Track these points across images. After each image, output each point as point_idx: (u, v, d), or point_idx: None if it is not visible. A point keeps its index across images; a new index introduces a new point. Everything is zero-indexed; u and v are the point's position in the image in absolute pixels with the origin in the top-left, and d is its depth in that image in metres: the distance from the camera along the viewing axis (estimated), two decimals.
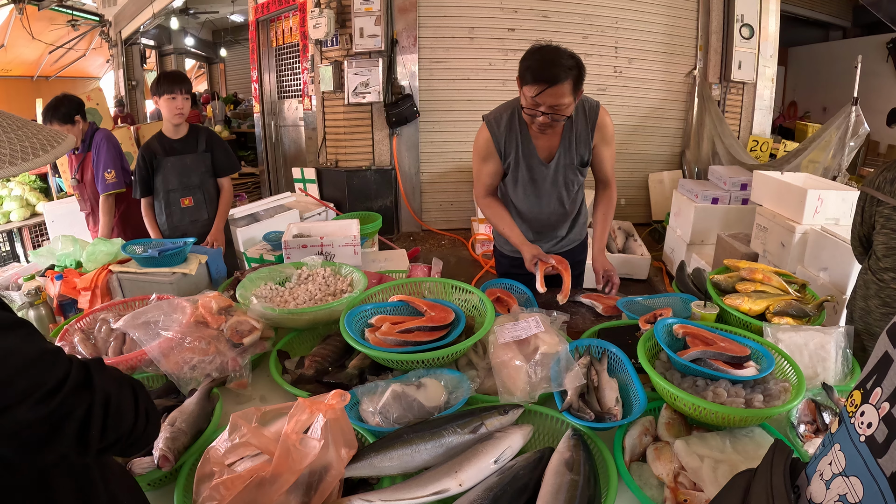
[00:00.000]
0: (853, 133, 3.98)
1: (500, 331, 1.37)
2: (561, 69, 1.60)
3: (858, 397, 0.60)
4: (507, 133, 1.87)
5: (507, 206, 2.06)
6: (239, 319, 1.49)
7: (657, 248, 5.09)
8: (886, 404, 0.55)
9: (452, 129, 5.56)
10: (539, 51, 1.66)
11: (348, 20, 5.14)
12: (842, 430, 0.61)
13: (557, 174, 1.93)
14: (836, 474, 0.59)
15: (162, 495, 1.06)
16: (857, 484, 0.56)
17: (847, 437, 0.59)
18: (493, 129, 1.88)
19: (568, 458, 1.01)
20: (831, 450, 0.62)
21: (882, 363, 0.59)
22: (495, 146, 1.89)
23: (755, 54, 5.70)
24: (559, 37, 5.43)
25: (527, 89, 1.67)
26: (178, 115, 2.60)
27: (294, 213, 4.26)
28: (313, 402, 1.00)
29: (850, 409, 0.60)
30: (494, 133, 1.88)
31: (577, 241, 2.15)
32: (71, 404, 0.65)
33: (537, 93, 1.64)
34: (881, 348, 0.60)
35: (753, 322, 1.57)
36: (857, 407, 0.59)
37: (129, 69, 9.00)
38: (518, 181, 1.96)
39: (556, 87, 1.62)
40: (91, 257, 2.01)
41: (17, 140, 0.67)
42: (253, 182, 7.50)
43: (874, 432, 0.55)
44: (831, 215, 2.84)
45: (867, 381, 0.60)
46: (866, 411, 0.57)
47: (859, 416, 0.58)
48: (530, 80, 1.64)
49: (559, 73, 1.60)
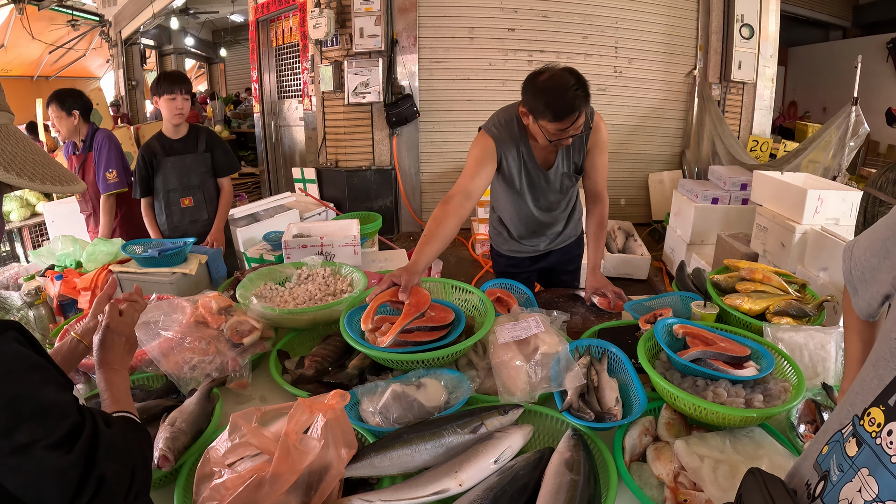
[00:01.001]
0: (853, 133, 3.98)
1: (500, 331, 1.37)
2: (576, 98, 1.61)
3: (880, 415, 0.55)
4: (507, 141, 1.84)
5: (500, 209, 2.07)
6: (239, 319, 1.49)
7: (657, 248, 5.09)
8: None
9: (452, 129, 5.56)
10: (548, 84, 1.64)
11: (348, 20, 5.14)
12: (866, 453, 0.56)
13: (556, 181, 1.93)
14: (870, 501, 0.54)
15: (162, 495, 1.06)
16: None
17: (875, 460, 0.54)
18: (495, 137, 1.83)
19: (568, 458, 1.01)
20: (857, 475, 0.56)
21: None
22: (498, 155, 1.84)
23: (755, 54, 5.70)
24: (559, 37, 5.44)
25: (549, 126, 1.66)
26: (178, 116, 2.60)
27: (294, 213, 4.26)
28: (313, 402, 1.00)
29: (872, 430, 0.56)
30: (497, 141, 1.83)
31: (574, 237, 2.16)
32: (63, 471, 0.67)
33: (564, 128, 1.65)
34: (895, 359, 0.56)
35: (753, 322, 1.57)
36: (880, 426, 0.55)
37: (129, 69, 9.01)
38: (516, 187, 1.93)
39: (578, 116, 1.64)
40: (91, 257, 2.01)
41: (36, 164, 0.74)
42: (253, 182, 7.50)
43: None
44: (831, 215, 2.84)
45: (887, 397, 0.55)
46: (894, 429, 0.53)
47: (885, 435, 0.54)
48: (553, 118, 1.64)
49: (577, 104, 1.62)
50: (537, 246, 2.11)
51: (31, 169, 0.71)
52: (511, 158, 1.86)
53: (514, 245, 2.12)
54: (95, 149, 2.88)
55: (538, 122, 1.68)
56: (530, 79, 1.68)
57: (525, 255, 2.14)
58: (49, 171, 0.73)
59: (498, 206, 2.10)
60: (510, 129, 1.83)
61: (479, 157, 1.81)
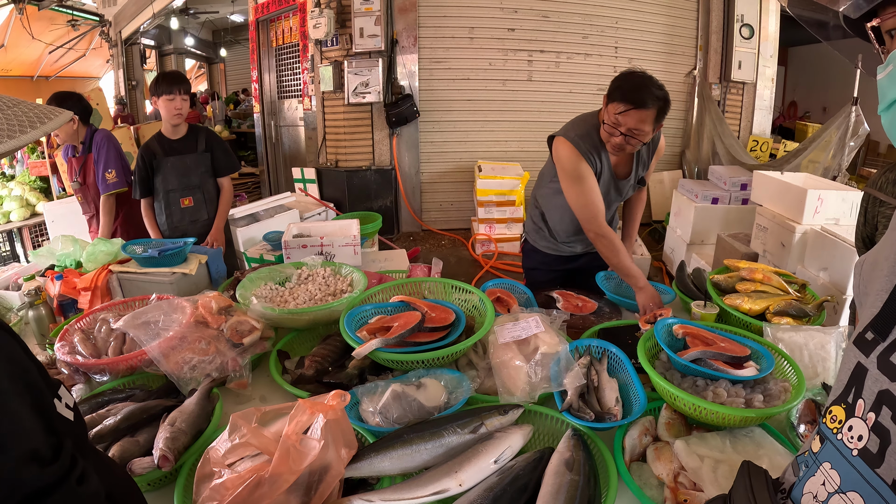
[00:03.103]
0: (853, 133, 3.98)
1: (500, 331, 1.37)
2: (649, 96, 1.64)
3: (840, 413, 0.59)
4: (590, 151, 1.84)
5: (547, 208, 2.06)
6: (239, 319, 1.49)
7: (657, 248, 5.09)
8: (872, 414, 0.55)
9: (452, 129, 5.56)
10: (632, 74, 1.71)
11: (348, 20, 5.14)
12: (827, 448, 0.60)
13: (626, 191, 2.00)
14: (833, 493, 0.58)
15: (162, 495, 1.06)
16: (857, 498, 0.55)
17: (837, 454, 0.58)
18: (580, 148, 1.82)
19: (568, 458, 1.01)
20: (819, 469, 0.60)
21: (857, 374, 0.58)
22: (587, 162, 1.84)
23: (755, 54, 5.70)
24: (559, 37, 5.44)
25: (612, 106, 1.70)
26: (177, 116, 2.60)
27: (294, 213, 4.26)
28: (313, 402, 1.00)
29: (834, 426, 0.60)
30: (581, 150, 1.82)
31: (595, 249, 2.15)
32: None
33: (622, 111, 1.67)
34: (851, 359, 0.60)
35: (753, 322, 1.57)
36: (841, 423, 0.59)
37: (129, 69, 9.00)
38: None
39: (641, 112, 1.65)
40: (91, 257, 2.01)
41: (13, 116, 0.68)
42: (253, 182, 7.50)
43: (866, 444, 0.55)
44: (831, 215, 2.84)
45: (846, 395, 0.59)
46: (854, 425, 0.57)
47: (846, 430, 0.58)
48: (618, 98, 1.67)
49: (647, 99, 1.64)
50: (575, 248, 2.13)
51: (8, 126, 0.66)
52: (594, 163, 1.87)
53: (552, 243, 2.14)
54: (95, 149, 2.88)
55: (606, 108, 1.72)
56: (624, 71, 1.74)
57: (560, 255, 2.15)
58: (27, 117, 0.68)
59: (547, 204, 2.08)
60: (591, 139, 1.85)
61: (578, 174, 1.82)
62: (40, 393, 0.64)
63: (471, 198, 5.46)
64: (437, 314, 1.42)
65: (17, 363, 0.63)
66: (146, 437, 1.13)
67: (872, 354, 0.57)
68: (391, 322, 1.39)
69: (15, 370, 0.62)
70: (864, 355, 0.58)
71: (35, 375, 0.64)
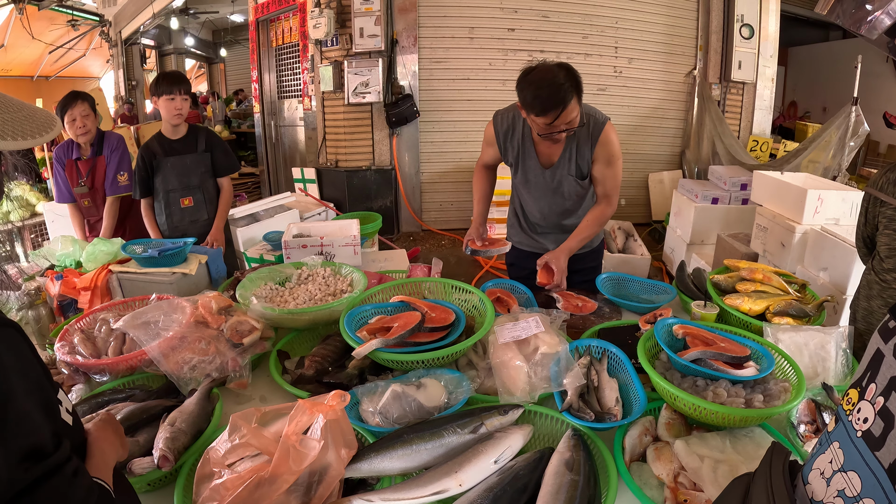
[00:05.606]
0: (853, 133, 3.98)
1: (500, 331, 1.37)
2: (564, 91, 1.62)
3: (855, 395, 0.61)
4: (508, 132, 1.94)
5: (512, 197, 2.16)
6: (239, 319, 1.49)
7: (657, 248, 5.09)
8: (881, 398, 0.56)
9: (452, 129, 5.56)
10: (535, 78, 1.66)
11: (348, 20, 5.14)
12: (839, 429, 0.62)
13: (554, 181, 1.95)
14: (836, 471, 0.60)
15: (162, 495, 1.06)
16: (855, 478, 0.57)
17: (845, 434, 0.60)
18: (496, 125, 1.96)
19: (568, 459, 1.01)
20: (829, 448, 0.63)
21: (875, 360, 0.60)
22: (496, 140, 1.98)
23: (755, 54, 5.70)
24: (559, 37, 5.44)
25: (538, 119, 1.67)
26: (177, 116, 2.60)
27: (294, 213, 4.26)
28: (313, 402, 1.00)
29: (847, 408, 0.62)
30: (497, 129, 1.96)
31: (586, 249, 2.11)
32: None
33: (551, 121, 1.66)
34: (873, 346, 0.62)
35: (753, 322, 1.57)
36: (853, 405, 0.61)
37: (129, 69, 9.01)
38: (519, 179, 2.04)
39: (566, 109, 1.64)
40: (91, 257, 2.01)
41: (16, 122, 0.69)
42: (253, 182, 7.50)
43: (870, 426, 0.56)
44: (831, 215, 2.84)
45: (862, 379, 0.61)
46: (863, 407, 0.59)
47: (856, 412, 0.59)
48: (540, 111, 1.65)
49: (564, 96, 1.62)
50: (545, 246, 2.11)
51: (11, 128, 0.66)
52: (510, 148, 1.95)
53: (524, 238, 2.15)
54: (108, 151, 2.88)
55: (530, 118, 1.71)
56: (522, 74, 1.72)
57: (531, 251, 2.14)
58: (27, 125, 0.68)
59: (513, 193, 2.18)
60: (514, 122, 1.91)
61: (485, 138, 2.03)
62: (47, 393, 0.67)
63: (470, 198, 5.44)
64: (437, 314, 1.42)
65: (27, 360, 0.65)
66: (146, 437, 1.13)
67: (891, 342, 0.59)
68: (391, 322, 1.39)
69: (25, 367, 0.64)
70: (884, 342, 0.60)
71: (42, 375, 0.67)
